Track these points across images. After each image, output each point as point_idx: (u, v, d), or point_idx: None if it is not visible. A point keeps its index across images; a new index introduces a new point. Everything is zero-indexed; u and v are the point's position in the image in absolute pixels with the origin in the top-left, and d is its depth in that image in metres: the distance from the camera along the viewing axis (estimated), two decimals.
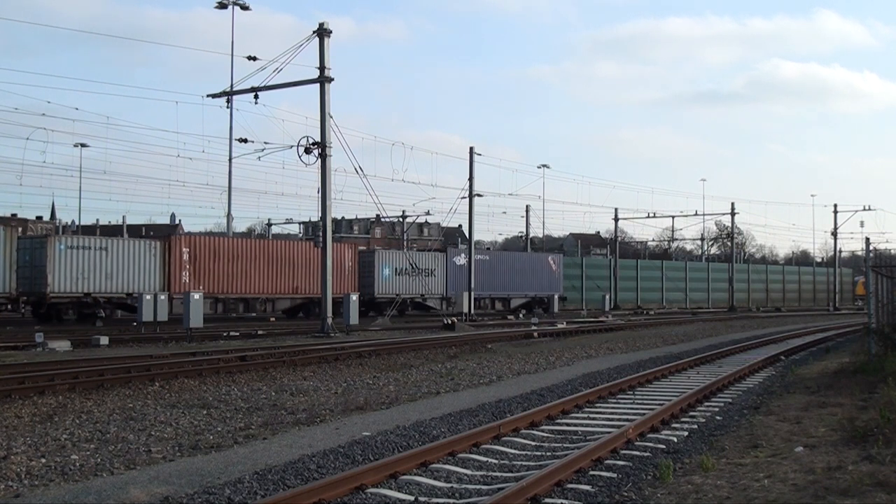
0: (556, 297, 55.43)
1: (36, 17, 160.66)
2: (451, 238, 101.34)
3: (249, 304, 40.01)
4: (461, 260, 49.24)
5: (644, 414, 11.47)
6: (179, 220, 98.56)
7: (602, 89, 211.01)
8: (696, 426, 11.09)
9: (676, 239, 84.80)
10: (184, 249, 36.96)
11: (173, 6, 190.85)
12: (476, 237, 52.31)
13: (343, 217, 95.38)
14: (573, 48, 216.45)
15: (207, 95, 33.72)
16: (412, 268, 45.06)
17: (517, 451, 9.48)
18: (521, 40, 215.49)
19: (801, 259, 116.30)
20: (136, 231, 76.79)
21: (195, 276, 36.98)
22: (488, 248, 69.27)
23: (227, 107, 38.15)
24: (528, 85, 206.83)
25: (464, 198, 47.86)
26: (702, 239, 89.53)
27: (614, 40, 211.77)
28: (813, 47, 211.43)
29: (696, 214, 72.29)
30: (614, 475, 8.20)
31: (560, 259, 58.81)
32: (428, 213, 69.47)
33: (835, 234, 79.83)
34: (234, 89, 33.71)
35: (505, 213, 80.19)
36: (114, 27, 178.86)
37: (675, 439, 10.13)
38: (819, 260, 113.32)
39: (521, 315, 50.33)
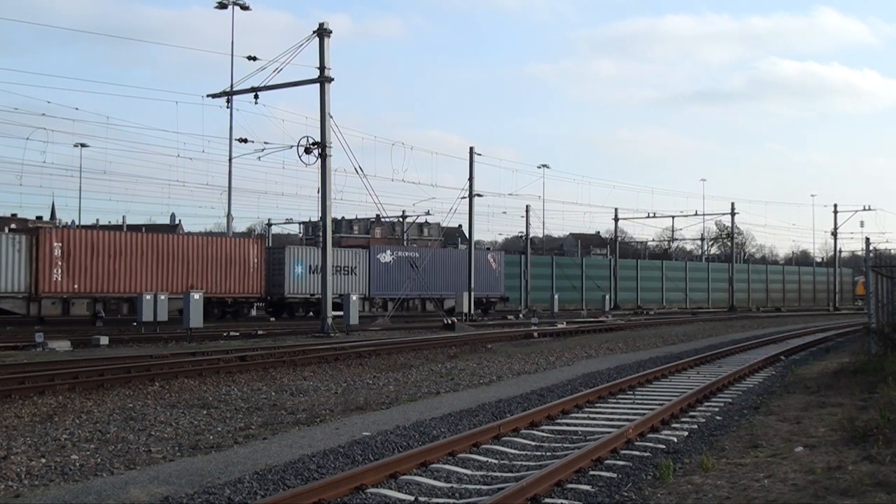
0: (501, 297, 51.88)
1: (29, 14, 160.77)
2: (451, 238, 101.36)
3: (136, 305, 36.66)
4: (386, 257, 46.23)
5: (644, 414, 11.47)
6: (179, 220, 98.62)
7: (601, 88, 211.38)
8: (696, 426, 11.09)
9: (676, 239, 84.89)
10: (55, 244, 33.47)
11: (168, 4, 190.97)
12: (476, 237, 52.29)
13: (343, 217, 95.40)
14: (572, 46, 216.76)
15: (207, 95, 33.82)
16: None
17: (517, 451, 9.48)
18: (519, 38, 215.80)
19: (801, 259, 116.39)
20: (135, 231, 76.69)
21: (69, 273, 33.76)
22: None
23: (227, 107, 38.21)
24: (526, 84, 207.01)
25: (464, 198, 47.93)
26: (702, 239, 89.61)
27: (613, 38, 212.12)
28: (813, 45, 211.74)
29: (696, 214, 72.39)
30: (614, 475, 8.20)
31: (501, 256, 55.05)
32: (428, 213, 69.56)
33: (835, 234, 79.89)
34: (234, 89, 33.76)
35: (505, 213, 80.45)
36: (107, 25, 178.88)
37: (675, 439, 10.13)
38: (819, 260, 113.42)
39: (520, 315, 50.31)
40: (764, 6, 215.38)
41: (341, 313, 42.42)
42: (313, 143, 29.94)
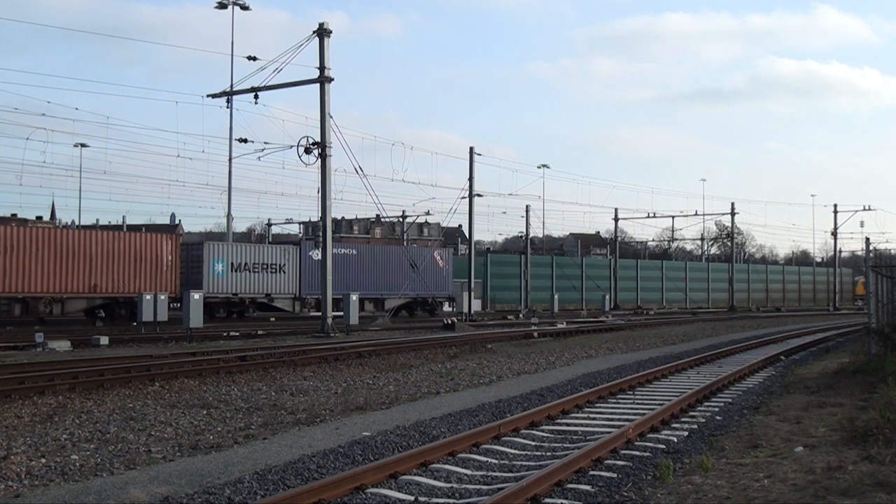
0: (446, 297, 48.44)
1: (21, 13, 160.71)
2: (451, 238, 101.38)
3: (29, 306, 33.35)
4: (319, 254, 42.79)
5: (644, 414, 11.47)
6: (179, 220, 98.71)
7: (600, 87, 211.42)
8: (696, 426, 11.09)
9: (676, 239, 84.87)
10: None
11: (164, 3, 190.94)
12: (476, 237, 52.28)
13: (343, 217, 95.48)
14: (570, 45, 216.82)
15: (207, 95, 33.83)
16: (255, 263, 39.71)
17: (517, 451, 9.47)
18: (518, 37, 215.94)
19: (801, 259, 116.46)
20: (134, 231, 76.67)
21: None
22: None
23: (227, 107, 38.21)
24: (525, 83, 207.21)
25: (464, 198, 47.96)
26: (702, 239, 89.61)
27: (611, 37, 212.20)
28: (812, 44, 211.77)
29: (696, 214, 72.36)
30: (614, 475, 8.20)
31: (449, 254, 51.06)
32: (428, 213, 69.51)
33: (835, 234, 79.90)
34: (234, 89, 33.75)
35: (505, 213, 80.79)
36: (101, 24, 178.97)
37: (675, 439, 10.13)
38: (819, 260, 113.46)
39: (520, 316, 50.28)
40: (763, 4, 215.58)
41: (275, 314, 39.88)
42: (313, 143, 29.95)
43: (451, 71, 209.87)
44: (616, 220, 71.40)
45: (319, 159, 30.16)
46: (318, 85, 30.19)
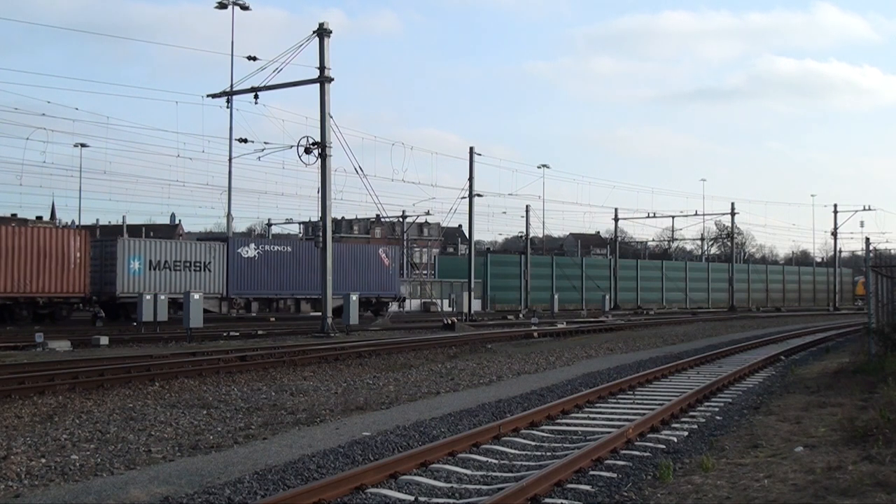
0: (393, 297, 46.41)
1: (15, 11, 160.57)
2: (451, 238, 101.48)
3: None
4: (249, 252, 40.46)
5: (644, 414, 11.47)
6: (179, 220, 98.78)
7: (600, 86, 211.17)
8: (696, 426, 11.09)
9: (676, 239, 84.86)
10: None
11: (159, 2, 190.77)
12: (476, 237, 52.30)
13: (343, 217, 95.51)
14: (569, 44, 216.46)
15: (207, 95, 33.82)
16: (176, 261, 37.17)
17: (517, 451, 9.47)
18: (516, 36, 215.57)
19: (801, 259, 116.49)
20: (135, 231, 76.89)
21: None
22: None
23: (227, 107, 38.21)
24: (524, 82, 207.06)
25: (464, 198, 47.99)
26: (702, 239, 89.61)
27: (610, 35, 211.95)
28: (812, 42, 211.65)
29: (696, 214, 72.38)
30: (614, 475, 8.20)
31: (395, 252, 49.25)
32: (428, 213, 69.56)
33: (835, 234, 79.90)
34: (234, 89, 33.75)
35: (505, 213, 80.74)
36: (96, 22, 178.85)
37: (675, 439, 10.13)
38: (819, 260, 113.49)
39: (520, 316, 50.28)
40: (762, 2, 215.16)
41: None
42: (313, 143, 29.96)
43: (450, 70, 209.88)
44: (616, 220, 71.48)
45: (319, 159, 30.17)
46: (317, 85, 30.20)
